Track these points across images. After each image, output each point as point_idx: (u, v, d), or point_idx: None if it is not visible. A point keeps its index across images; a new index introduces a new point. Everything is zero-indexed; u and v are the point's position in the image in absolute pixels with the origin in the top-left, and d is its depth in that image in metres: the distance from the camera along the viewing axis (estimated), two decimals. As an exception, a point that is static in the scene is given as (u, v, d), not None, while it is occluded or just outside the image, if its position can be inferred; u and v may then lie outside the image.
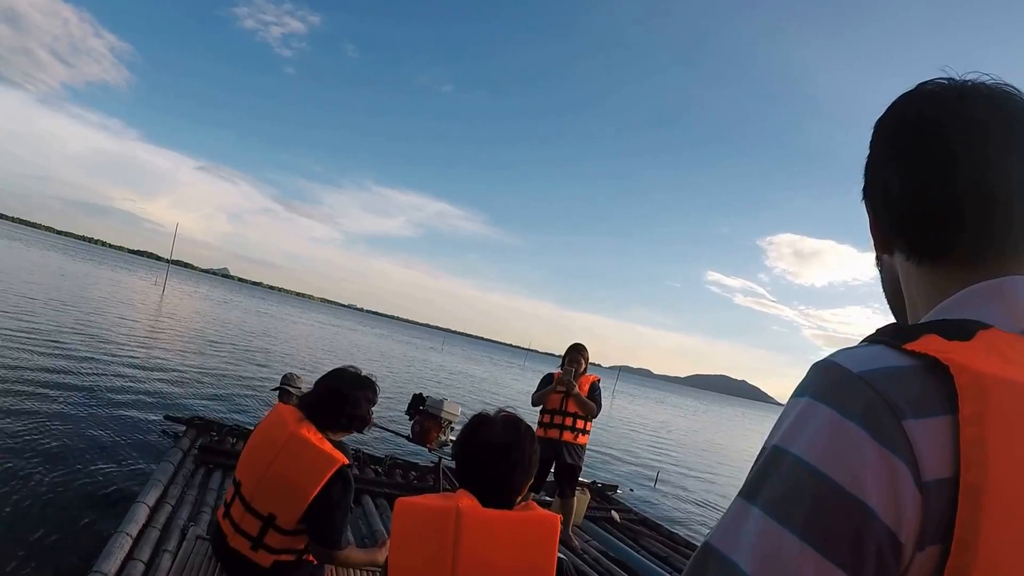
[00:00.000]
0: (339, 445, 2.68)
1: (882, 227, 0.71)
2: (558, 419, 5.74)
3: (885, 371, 0.52)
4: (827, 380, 0.54)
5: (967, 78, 0.66)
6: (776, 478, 0.52)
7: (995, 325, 0.57)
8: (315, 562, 2.80)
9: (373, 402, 2.81)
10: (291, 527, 2.57)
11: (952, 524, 0.47)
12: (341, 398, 2.69)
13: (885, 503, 0.48)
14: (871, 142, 0.73)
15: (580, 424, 5.77)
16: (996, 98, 0.64)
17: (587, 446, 5.95)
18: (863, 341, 0.59)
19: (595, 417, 5.80)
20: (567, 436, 5.73)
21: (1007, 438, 0.48)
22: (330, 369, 2.86)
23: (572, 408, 5.74)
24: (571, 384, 5.66)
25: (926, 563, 0.48)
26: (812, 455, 0.51)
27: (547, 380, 5.93)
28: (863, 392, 0.51)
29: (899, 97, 0.70)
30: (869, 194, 0.73)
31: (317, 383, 2.79)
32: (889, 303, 0.76)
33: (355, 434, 2.82)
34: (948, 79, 0.67)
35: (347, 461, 2.60)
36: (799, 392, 0.56)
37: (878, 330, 0.60)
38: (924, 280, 0.66)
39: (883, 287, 0.77)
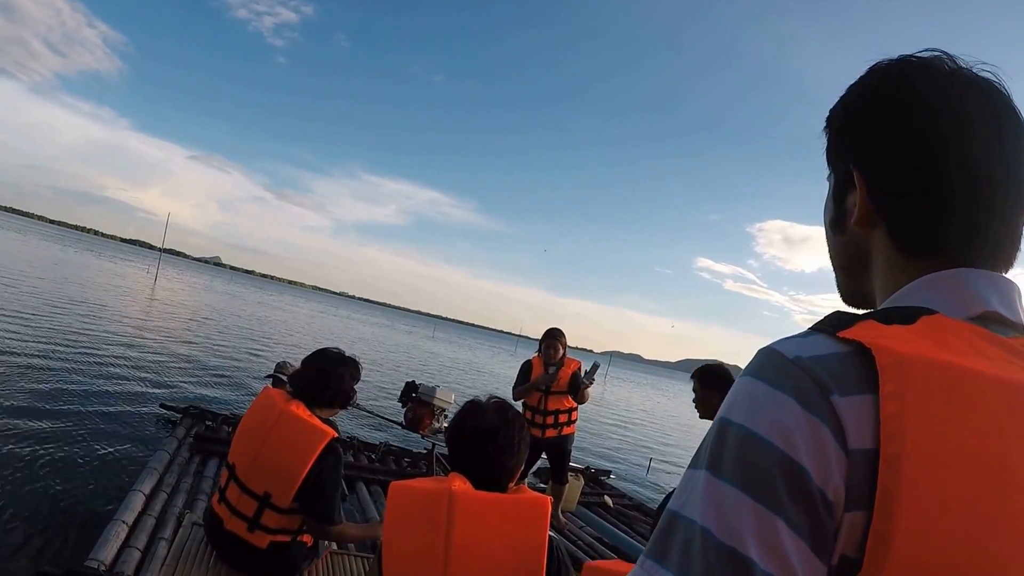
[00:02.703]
0: (327, 422, 2.75)
1: (875, 201, 0.69)
2: (539, 418, 5.57)
3: (816, 357, 0.57)
4: (765, 363, 0.59)
5: (967, 64, 0.68)
6: (719, 445, 0.57)
7: (942, 312, 0.61)
8: (309, 543, 2.83)
9: (356, 379, 2.91)
10: (287, 505, 2.61)
11: (874, 493, 0.52)
12: (325, 375, 2.79)
13: (815, 464, 0.53)
14: (868, 103, 0.71)
15: (563, 418, 5.61)
16: (988, 90, 0.67)
17: (576, 433, 5.81)
18: (809, 328, 0.62)
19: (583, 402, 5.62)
20: (550, 434, 5.58)
21: (924, 413, 0.52)
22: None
23: (552, 406, 5.58)
24: (549, 384, 5.49)
25: (853, 527, 0.52)
26: (749, 421, 0.56)
27: (526, 368, 5.69)
28: (795, 373, 0.56)
29: (902, 66, 0.69)
30: (866, 164, 0.70)
31: (303, 363, 2.88)
32: (843, 274, 0.77)
33: (344, 414, 2.89)
34: (951, 60, 0.68)
35: (336, 434, 2.68)
36: (743, 373, 0.61)
37: (823, 318, 0.63)
38: (902, 266, 0.68)
39: (837, 256, 0.77)
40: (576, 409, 5.69)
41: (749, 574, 0.51)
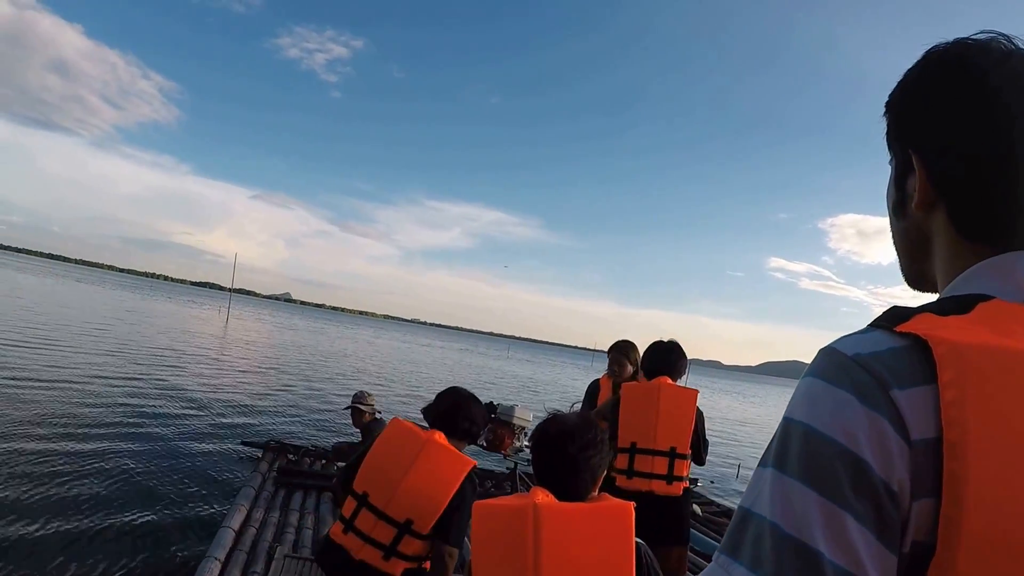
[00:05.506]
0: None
1: (935, 185, 0.69)
2: None
3: (874, 353, 0.59)
4: (826, 363, 0.61)
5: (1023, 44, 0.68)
6: (784, 442, 0.60)
7: (999, 296, 0.62)
8: (428, 567, 2.85)
9: (487, 419, 3.12)
10: (428, 531, 2.68)
11: (941, 479, 0.54)
12: (457, 408, 2.94)
13: (876, 457, 0.55)
14: (926, 87, 0.71)
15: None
16: None
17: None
18: (867, 325, 0.64)
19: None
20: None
21: (984, 398, 0.54)
22: (446, 387, 3.11)
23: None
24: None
25: (923, 514, 0.55)
26: (811, 419, 0.59)
27: (593, 389, 4.78)
28: (855, 371, 0.58)
29: (960, 49, 0.69)
30: (925, 147, 0.70)
31: (437, 396, 3.03)
32: (905, 257, 0.78)
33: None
34: (1008, 41, 0.68)
35: (475, 464, 2.80)
36: (805, 374, 0.63)
37: (881, 314, 0.65)
38: (961, 251, 0.69)
39: (900, 240, 0.78)
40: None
41: (817, 566, 0.53)
